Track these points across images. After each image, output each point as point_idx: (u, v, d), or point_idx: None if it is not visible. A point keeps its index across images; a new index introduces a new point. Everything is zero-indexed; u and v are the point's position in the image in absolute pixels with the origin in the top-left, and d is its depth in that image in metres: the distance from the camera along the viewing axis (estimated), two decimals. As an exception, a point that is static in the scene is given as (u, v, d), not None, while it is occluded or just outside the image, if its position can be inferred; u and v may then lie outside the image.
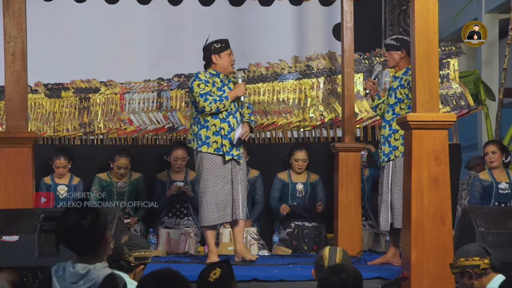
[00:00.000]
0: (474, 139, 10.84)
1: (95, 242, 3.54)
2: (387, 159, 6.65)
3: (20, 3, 5.84)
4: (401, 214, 6.40)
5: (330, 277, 3.61)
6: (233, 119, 6.63)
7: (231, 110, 6.64)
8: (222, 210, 6.57)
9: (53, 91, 8.80)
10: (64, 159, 7.97)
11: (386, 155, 6.66)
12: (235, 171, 6.64)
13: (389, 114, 6.70)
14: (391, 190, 6.61)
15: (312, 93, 8.72)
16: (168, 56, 9.50)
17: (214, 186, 6.57)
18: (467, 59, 10.69)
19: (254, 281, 5.72)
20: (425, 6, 5.27)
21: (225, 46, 6.69)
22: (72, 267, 3.53)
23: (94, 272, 3.49)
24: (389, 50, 6.77)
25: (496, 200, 7.79)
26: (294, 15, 9.77)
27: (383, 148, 6.68)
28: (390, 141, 6.64)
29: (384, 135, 6.71)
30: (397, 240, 6.63)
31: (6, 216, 5.55)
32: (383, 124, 6.75)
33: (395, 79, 6.75)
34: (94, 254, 3.54)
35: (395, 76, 6.77)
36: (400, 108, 6.63)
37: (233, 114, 6.65)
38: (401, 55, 6.71)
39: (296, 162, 8.13)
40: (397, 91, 6.67)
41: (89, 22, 9.43)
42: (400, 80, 6.67)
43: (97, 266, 3.51)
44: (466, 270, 4.32)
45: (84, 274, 3.50)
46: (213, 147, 6.59)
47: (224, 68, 6.69)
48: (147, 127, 8.64)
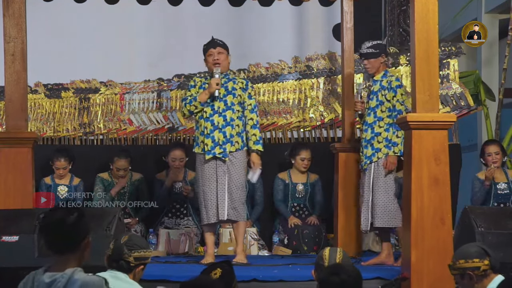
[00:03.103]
0: (474, 140, 10.82)
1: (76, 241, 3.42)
2: (369, 161, 6.72)
3: (20, 3, 5.84)
4: (384, 212, 6.63)
5: (330, 277, 3.61)
6: (219, 118, 6.61)
7: (218, 108, 6.62)
8: (210, 210, 6.61)
9: (53, 91, 8.80)
10: (64, 160, 7.97)
11: (368, 157, 6.72)
12: (220, 171, 6.60)
13: (370, 117, 6.75)
14: (373, 190, 6.68)
15: (312, 94, 8.72)
16: (168, 57, 9.50)
17: (202, 186, 6.65)
18: (467, 59, 10.67)
19: (254, 281, 5.72)
20: (425, 6, 5.27)
21: (206, 47, 6.74)
22: (41, 276, 3.40)
23: (60, 280, 3.34)
24: (368, 58, 6.81)
25: (495, 200, 7.80)
26: (294, 15, 9.76)
27: (365, 151, 6.75)
28: (373, 144, 6.70)
29: (366, 138, 6.77)
30: (387, 239, 6.72)
31: (6, 216, 5.55)
32: (365, 128, 6.80)
33: (375, 83, 6.81)
34: (72, 255, 3.41)
35: (374, 80, 6.83)
36: (381, 111, 6.70)
37: (220, 113, 6.62)
38: (381, 60, 6.80)
39: (302, 161, 8.13)
40: (378, 94, 6.74)
41: (89, 23, 9.42)
42: (380, 82, 6.74)
43: (66, 272, 3.36)
44: (466, 273, 4.31)
45: (49, 283, 3.36)
46: (200, 147, 6.66)
47: (209, 68, 6.74)
48: (147, 127, 8.64)
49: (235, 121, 6.65)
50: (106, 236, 5.29)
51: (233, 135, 6.62)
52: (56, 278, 3.35)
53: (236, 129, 6.64)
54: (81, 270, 3.36)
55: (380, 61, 6.79)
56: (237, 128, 6.65)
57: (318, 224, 8.01)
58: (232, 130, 6.62)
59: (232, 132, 6.62)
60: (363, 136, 6.81)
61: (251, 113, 6.70)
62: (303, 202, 8.20)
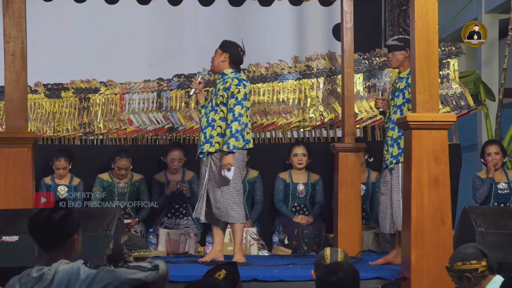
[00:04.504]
0: (474, 139, 10.83)
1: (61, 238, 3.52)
2: (395, 161, 6.54)
3: (20, 3, 5.84)
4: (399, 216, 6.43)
5: (328, 276, 3.61)
6: (204, 119, 6.66)
7: (206, 109, 6.66)
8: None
9: (53, 91, 8.80)
10: (64, 160, 7.97)
11: (394, 157, 6.54)
12: (203, 170, 6.68)
13: (396, 115, 6.51)
14: (392, 194, 6.56)
15: (312, 93, 8.72)
16: (168, 56, 9.49)
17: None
18: (467, 59, 10.68)
19: (254, 281, 5.72)
20: (425, 6, 5.27)
21: None
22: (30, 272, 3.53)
23: (48, 273, 3.46)
24: (392, 51, 6.72)
25: (495, 200, 7.80)
26: (294, 15, 9.75)
27: (391, 150, 6.56)
28: (399, 143, 6.48)
29: (392, 136, 6.58)
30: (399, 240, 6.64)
31: (5, 216, 5.55)
32: (391, 126, 6.60)
33: (401, 80, 6.67)
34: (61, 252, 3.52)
35: (400, 77, 6.71)
36: (408, 109, 6.50)
37: (207, 114, 6.66)
38: (405, 55, 6.62)
39: (295, 157, 8.13)
40: (405, 91, 6.57)
41: (89, 22, 9.41)
42: (407, 80, 6.56)
43: (53, 266, 3.48)
44: (464, 275, 4.30)
45: (38, 277, 3.48)
46: None
47: None
48: (147, 127, 8.64)
49: (217, 121, 6.60)
50: (106, 236, 5.30)
51: (213, 136, 6.58)
52: (44, 272, 3.47)
53: (217, 130, 6.58)
54: (66, 263, 3.46)
55: (405, 55, 6.61)
56: (218, 129, 6.58)
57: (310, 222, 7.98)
58: (213, 131, 6.59)
59: (212, 133, 6.59)
60: (389, 135, 6.61)
61: (229, 113, 6.54)
62: (303, 202, 8.20)
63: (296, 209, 8.18)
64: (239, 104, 6.52)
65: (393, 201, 6.58)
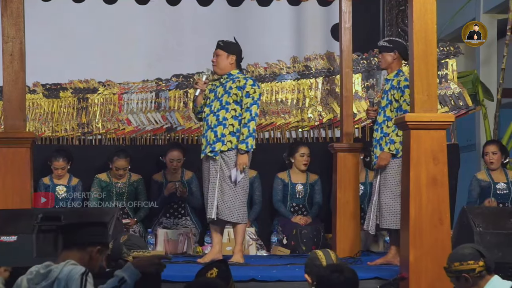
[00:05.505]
0: (473, 139, 10.83)
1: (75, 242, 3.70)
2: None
3: (18, 3, 5.84)
4: (389, 214, 6.54)
5: (332, 275, 3.61)
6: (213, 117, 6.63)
7: (214, 108, 6.63)
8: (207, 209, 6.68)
9: (51, 91, 8.80)
10: (62, 160, 7.96)
11: (377, 157, 6.67)
12: (213, 170, 6.61)
13: (380, 117, 6.73)
14: (380, 191, 6.64)
15: (311, 93, 8.72)
16: (166, 56, 9.49)
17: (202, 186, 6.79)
18: (465, 59, 10.68)
19: (252, 281, 5.72)
20: (423, 6, 5.27)
21: None
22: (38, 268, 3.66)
23: (55, 270, 3.56)
24: (382, 52, 6.78)
25: (495, 200, 7.79)
26: (293, 15, 9.76)
27: (375, 150, 6.72)
28: (381, 144, 6.66)
29: (376, 138, 6.74)
30: (398, 240, 6.65)
31: (4, 216, 5.54)
32: (375, 127, 6.78)
33: (387, 82, 6.78)
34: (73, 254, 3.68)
35: (386, 79, 6.80)
36: (390, 111, 6.65)
37: (215, 112, 6.64)
38: (393, 57, 6.72)
39: (302, 157, 8.12)
40: (388, 93, 6.69)
41: (87, 22, 9.41)
42: (391, 81, 6.69)
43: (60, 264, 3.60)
44: (462, 275, 4.31)
45: (45, 274, 3.57)
46: (202, 147, 6.75)
47: None
48: (145, 127, 8.64)
49: (228, 120, 6.59)
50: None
51: (224, 134, 6.57)
52: (51, 269, 3.59)
53: (229, 129, 6.58)
54: (73, 263, 3.53)
55: (393, 57, 6.69)
56: (230, 128, 6.58)
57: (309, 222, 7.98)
58: (224, 129, 6.58)
59: (224, 132, 6.57)
60: (374, 136, 6.78)
61: (245, 112, 6.58)
62: (302, 202, 8.20)
63: (295, 209, 8.18)
64: (255, 104, 6.60)
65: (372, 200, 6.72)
